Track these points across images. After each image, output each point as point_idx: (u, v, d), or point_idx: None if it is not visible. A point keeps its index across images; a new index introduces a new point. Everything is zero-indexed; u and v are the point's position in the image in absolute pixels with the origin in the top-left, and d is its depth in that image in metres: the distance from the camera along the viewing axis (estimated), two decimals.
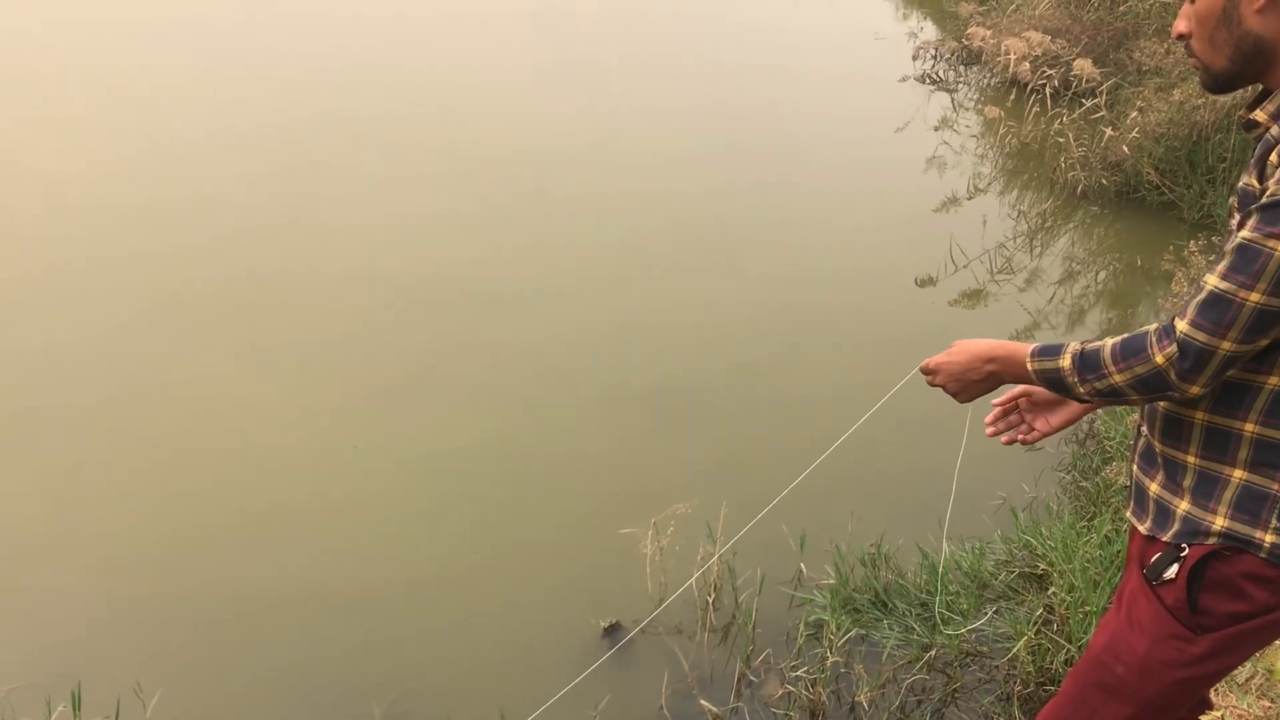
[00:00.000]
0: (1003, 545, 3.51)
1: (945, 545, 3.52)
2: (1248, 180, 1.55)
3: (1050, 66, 7.85)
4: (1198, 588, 1.63)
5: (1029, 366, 1.70)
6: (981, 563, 3.42)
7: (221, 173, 6.44)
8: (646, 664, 3.26)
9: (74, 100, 7.50)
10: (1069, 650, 2.94)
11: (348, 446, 4.19)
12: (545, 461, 4.17)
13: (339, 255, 5.62)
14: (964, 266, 5.79)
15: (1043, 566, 3.30)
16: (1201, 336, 1.50)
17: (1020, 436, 1.99)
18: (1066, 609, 3.01)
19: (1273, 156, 1.49)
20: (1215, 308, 1.49)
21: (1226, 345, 1.49)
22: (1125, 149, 6.49)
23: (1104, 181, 6.58)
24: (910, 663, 3.11)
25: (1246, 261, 1.47)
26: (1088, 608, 2.98)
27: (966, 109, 8.45)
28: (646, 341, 5.00)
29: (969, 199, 6.74)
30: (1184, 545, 1.64)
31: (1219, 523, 1.61)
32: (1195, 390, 1.53)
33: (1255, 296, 1.46)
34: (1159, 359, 1.53)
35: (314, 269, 5.46)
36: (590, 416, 4.46)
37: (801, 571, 3.50)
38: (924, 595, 3.32)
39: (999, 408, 1.99)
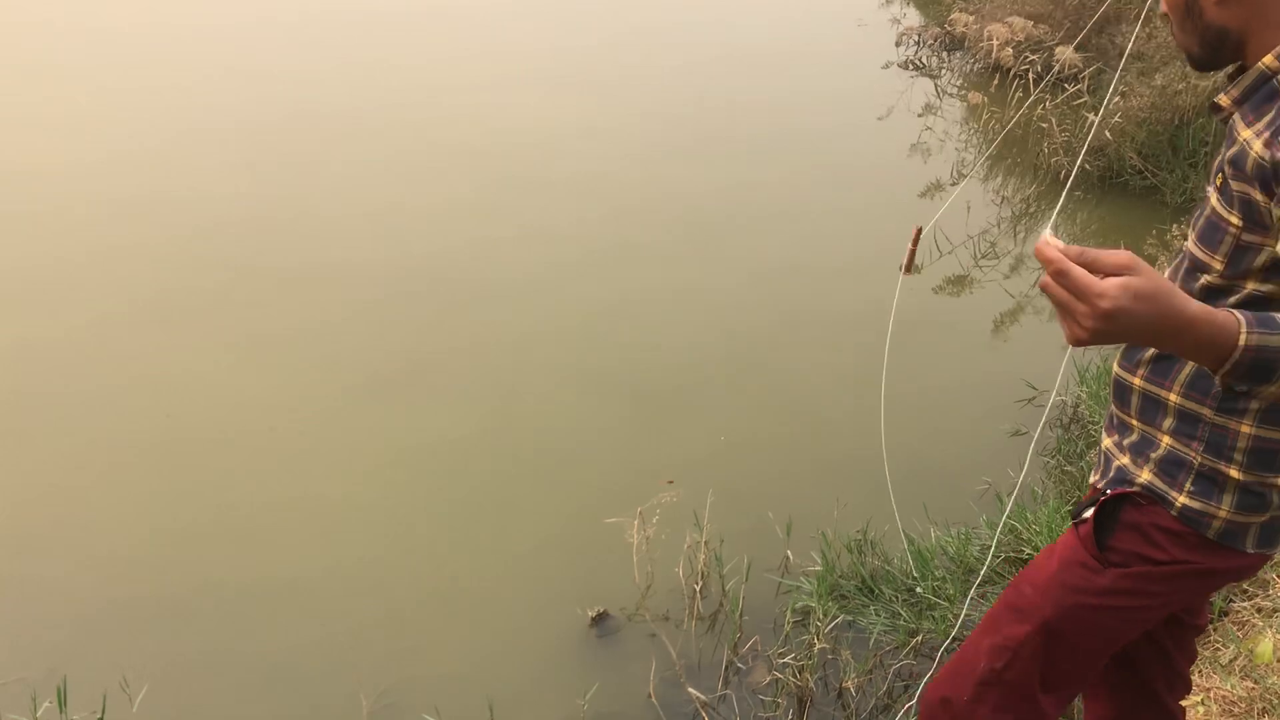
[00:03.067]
0: (988, 530, 3.52)
1: (931, 531, 3.53)
2: (1258, 153, 1.50)
3: (1033, 52, 7.86)
4: (1111, 524, 1.76)
5: (1241, 341, 1.21)
6: (967, 548, 3.43)
7: (209, 166, 6.40)
8: (634, 653, 3.26)
9: (63, 97, 7.42)
10: None
11: (332, 440, 4.17)
12: (530, 452, 4.16)
13: (324, 248, 5.59)
14: (948, 253, 5.80)
15: (1028, 551, 3.31)
16: None
17: None
18: None
19: None
20: None
21: None
22: (1108, 134, 6.50)
23: (1087, 167, 6.59)
24: (897, 648, 3.12)
25: None
26: None
27: (950, 95, 8.45)
28: (630, 330, 4.99)
29: (952, 185, 6.74)
30: (1108, 490, 1.78)
31: (1143, 476, 1.74)
32: None
33: None
34: None
35: (300, 262, 5.43)
36: (575, 406, 4.45)
37: (788, 559, 3.51)
38: (910, 581, 3.33)
39: None
